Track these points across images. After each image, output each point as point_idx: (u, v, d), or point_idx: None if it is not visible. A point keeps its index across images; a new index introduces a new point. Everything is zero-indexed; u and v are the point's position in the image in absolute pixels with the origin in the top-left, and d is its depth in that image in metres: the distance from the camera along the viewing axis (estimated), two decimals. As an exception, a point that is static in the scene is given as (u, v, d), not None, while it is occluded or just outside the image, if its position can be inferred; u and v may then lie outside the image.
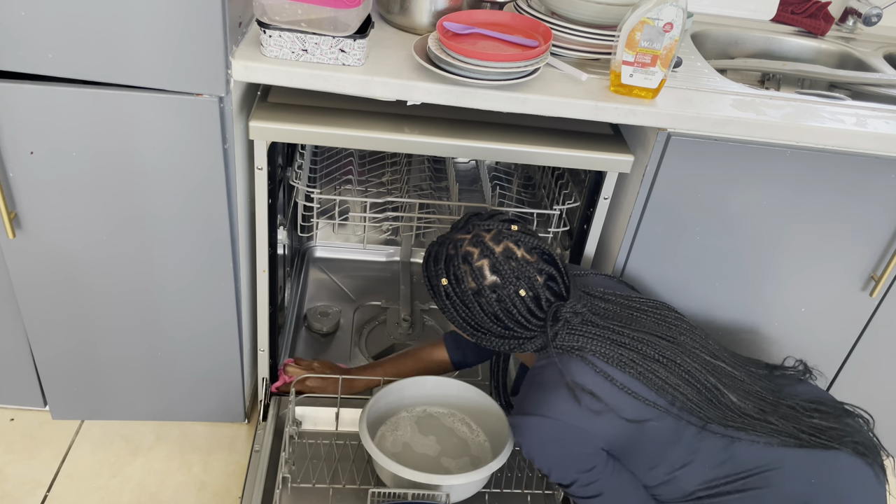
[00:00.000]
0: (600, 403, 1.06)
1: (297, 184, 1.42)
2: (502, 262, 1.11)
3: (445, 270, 1.14)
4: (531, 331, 1.13)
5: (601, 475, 1.09)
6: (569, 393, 1.06)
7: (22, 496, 1.43)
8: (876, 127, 1.25)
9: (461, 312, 1.14)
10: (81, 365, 1.45)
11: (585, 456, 1.08)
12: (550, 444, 1.08)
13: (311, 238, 2.03)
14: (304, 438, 1.46)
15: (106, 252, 1.29)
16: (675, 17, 1.13)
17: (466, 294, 1.12)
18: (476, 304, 1.12)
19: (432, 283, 1.16)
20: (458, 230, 1.17)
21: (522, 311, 1.12)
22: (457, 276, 1.13)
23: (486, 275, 1.11)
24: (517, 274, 1.11)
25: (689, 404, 1.09)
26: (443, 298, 1.15)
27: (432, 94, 1.17)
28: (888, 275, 1.38)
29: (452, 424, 1.46)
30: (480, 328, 1.15)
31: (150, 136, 1.16)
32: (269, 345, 1.49)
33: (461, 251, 1.13)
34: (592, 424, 1.06)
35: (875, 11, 1.69)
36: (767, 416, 1.12)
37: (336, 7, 1.11)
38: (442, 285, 1.14)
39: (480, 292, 1.12)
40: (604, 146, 1.29)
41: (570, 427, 1.06)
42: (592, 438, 1.07)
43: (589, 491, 1.10)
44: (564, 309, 1.12)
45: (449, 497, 1.27)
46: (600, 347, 1.09)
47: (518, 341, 1.14)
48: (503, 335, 1.14)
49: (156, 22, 1.05)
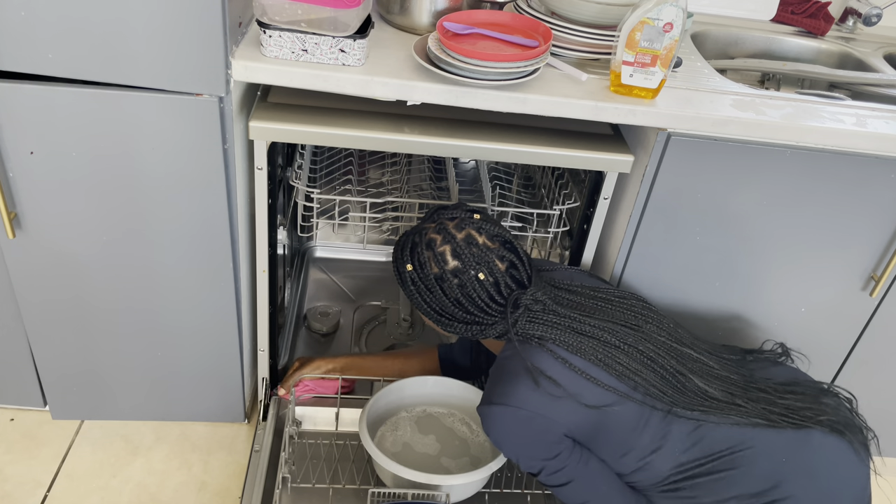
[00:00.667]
0: (560, 388, 1.09)
1: (297, 184, 1.42)
2: (463, 247, 1.16)
3: (411, 257, 1.19)
4: (492, 316, 1.17)
5: (567, 462, 1.12)
6: (529, 380, 1.10)
7: (22, 496, 1.43)
8: (876, 127, 1.25)
9: (426, 297, 1.18)
10: (81, 365, 1.45)
11: (549, 443, 1.11)
12: (514, 433, 1.11)
13: (311, 238, 2.03)
14: (304, 438, 1.46)
15: (106, 252, 1.29)
16: (675, 17, 1.13)
17: (429, 279, 1.17)
18: (439, 288, 1.17)
19: (399, 271, 1.21)
20: (425, 221, 1.23)
21: (482, 296, 1.15)
22: (420, 262, 1.18)
23: (447, 260, 1.16)
24: (477, 259, 1.15)
25: (653, 389, 1.12)
26: (408, 285, 1.19)
27: (432, 94, 1.17)
28: (888, 275, 1.38)
29: (452, 424, 1.46)
30: (444, 313, 1.19)
31: (150, 137, 1.16)
32: (269, 345, 1.48)
33: (425, 238, 1.18)
34: (553, 410, 1.09)
35: (875, 11, 1.69)
36: (735, 399, 1.14)
37: (336, 7, 1.11)
38: (407, 271, 1.19)
39: (443, 277, 1.16)
40: (604, 146, 1.29)
41: (532, 414, 1.09)
42: (554, 426, 1.10)
43: (557, 479, 1.13)
44: (525, 296, 1.15)
45: (449, 497, 1.27)
46: (560, 335, 1.13)
47: (480, 327, 1.18)
48: (465, 320, 1.18)
49: (156, 22, 1.05)
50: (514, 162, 1.81)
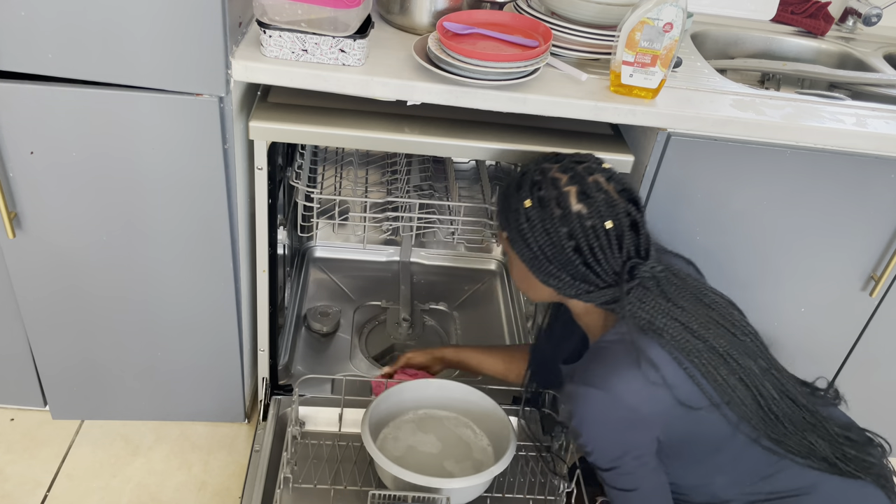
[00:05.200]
0: (659, 375, 1.01)
1: (297, 184, 1.42)
2: (592, 190, 1.04)
3: (530, 192, 1.06)
4: (602, 278, 1.05)
5: (644, 469, 1.04)
6: (635, 370, 1.01)
7: (22, 496, 1.43)
8: (876, 127, 1.25)
9: (538, 239, 1.05)
10: (81, 365, 1.45)
11: (635, 442, 1.03)
12: (604, 421, 1.03)
13: (311, 238, 2.03)
14: (307, 439, 1.46)
15: (106, 252, 1.29)
16: (675, 17, 1.13)
17: (548, 219, 1.04)
18: (556, 231, 1.04)
19: (512, 207, 1.08)
20: (545, 161, 1.10)
21: (604, 248, 1.04)
22: (541, 200, 1.05)
23: (571, 202, 1.04)
24: (607, 206, 1.04)
25: (745, 411, 1.04)
26: (521, 223, 1.06)
27: (432, 94, 1.17)
28: (888, 275, 1.38)
29: (455, 428, 1.45)
30: (553, 261, 1.06)
31: (150, 136, 1.16)
32: (269, 345, 1.48)
33: (549, 176, 1.06)
34: (651, 407, 1.01)
35: (875, 11, 1.69)
36: (808, 436, 1.08)
37: (336, 7, 1.11)
38: (524, 207, 1.06)
39: (565, 218, 1.03)
40: (604, 146, 1.29)
41: (631, 409, 1.01)
42: (648, 425, 1.02)
43: (625, 482, 1.05)
44: (643, 267, 1.05)
45: (450, 500, 1.27)
46: (670, 326, 1.03)
47: (587, 286, 1.06)
48: (575, 274, 1.06)
49: (156, 22, 1.05)
50: (514, 162, 1.81)
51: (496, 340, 1.83)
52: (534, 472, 1.45)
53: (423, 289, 1.96)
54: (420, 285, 1.97)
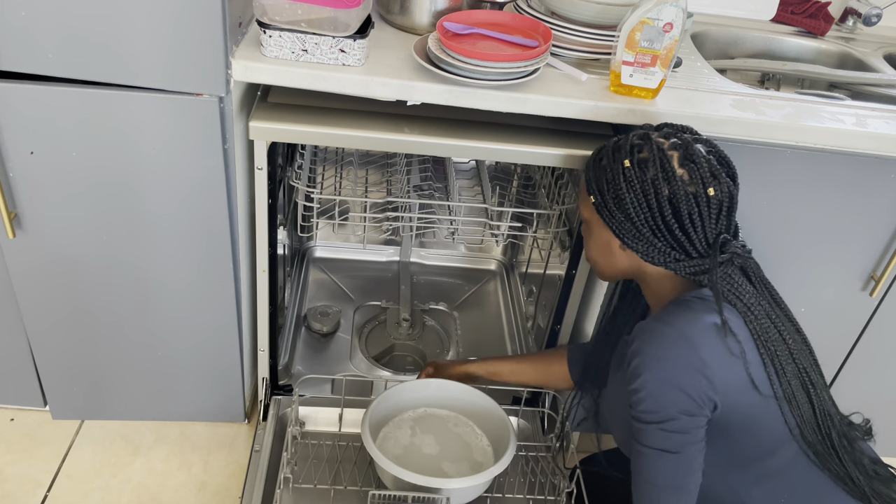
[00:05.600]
0: (739, 346, 0.98)
1: (297, 184, 1.42)
2: (696, 157, 1.02)
3: (630, 154, 1.03)
4: (696, 248, 1.02)
5: (694, 433, 0.98)
6: (715, 327, 0.98)
7: (22, 496, 1.43)
8: (876, 127, 1.25)
9: (635, 201, 1.02)
10: (81, 365, 1.45)
11: (697, 397, 0.97)
12: (671, 363, 0.97)
13: (311, 238, 2.03)
14: (307, 439, 1.46)
15: (106, 252, 1.29)
16: (675, 17, 1.13)
17: (648, 182, 1.01)
18: (657, 193, 1.01)
19: (608, 168, 1.05)
20: (641, 128, 1.09)
21: (704, 215, 1.01)
22: (641, 163, 1.02)
23: (674, 166, 1.01)
24: (709, 173, 1.01)
25: (801, 416, 1.02)
26: (619, 183, 1.03)
27: (432, 94, 1.17)
28: (888, 275, 1.38)
29: (455, 428, 1.45)
30: (648, 224, 1.03)
31: (150, 136, 1.16)
32: (269, 345, 1.48)
33: (653, 139, 1.04)
34: (721, 368, 0.97)
35: (875, 11, 1.69)
36: (846, 462, 1.05)
37: (336, 7, 1.11)
38: (623, 167, 1.03)
39: (667, 180, 1.01)
40: (604, 146, 1.29)
41: (701, 359, 0.96)
42: (714, 386, 0.97)
43: (671, 441, 0.98)
44: (735, 243, 1.03)
45: (449, 500, 1.27)
46: (754, 308, 1.01)
47: (677, 253, 1.03)
48: (668, 240, 1.03)
49: (156, 22, 1.05)
50: (514, 162, 1.81)
51: (496, 340, 1.83)
52: (533, 471, 1.45)
53: (423, 289, 1.96)
54: (420, 285, 1.97)
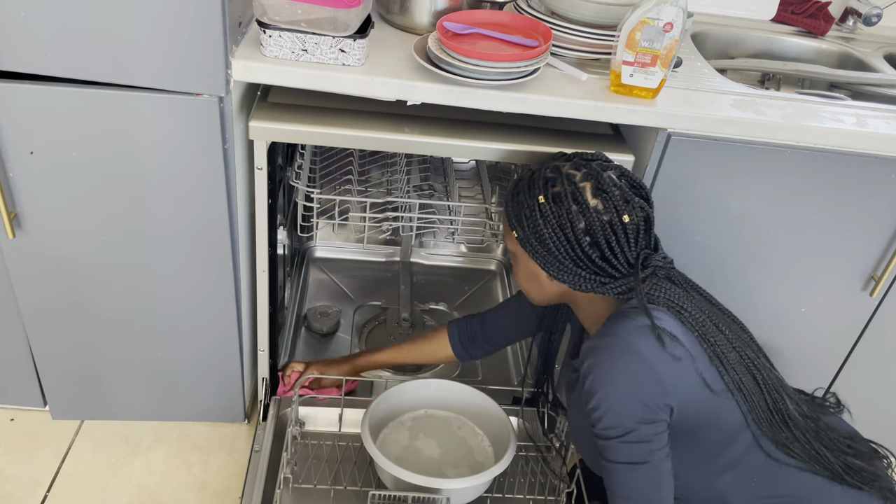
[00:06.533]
0: (682, 349, 1.00)
1: (297, 184, 1.42)
2: (607, 186, 1.04)
3: (543, 189, 1.06)
4: (619, 271, 1.05)
5: (656, 438, 0.99)
6: (654, 335, 1.00)
7: (22, 496, 1.43)
8: (876, 127, 1.25)
9: (553, 235, 1.05)
10: (81, 365, 1.44)
11: (652, 406, 0.98)
12: (622, 377, 0.99)
13: (311, 238, 2.03)
14: (307, 439, 1.46)
15: (106, 252, 1.29)
16: (675, 17, 1.13)
17: (563, 216, 1.04)
18: (573, 226, 1.04)
19: (524, 204, 1.07)
20: (554, 160, 1.11)
21: (620, 242, 1.04)
22: (556, 197, 1.05)
23: (587, 197, 1.04)
24: (622, 200, 1.04)
25: (753, 403, 1.04)
26: (536, 220, 1.06)
27: (432, 94, 1.17)
28: (888, 275, 1.38)
29: (455, 428, 1.45)
30: (569, 256, 1.05)
31: (150, 136, 1.16)
32: (269, 345, 1.48)
33: (563, 172, 1.06)
34: (670, 373, 0.99)
35: (875, 11, 1.69)
36: (812, 442, 1.07)
37: (336, 7, 1.11)
38: (538, 203, 1.05)
39: (582, 213, 1.04)
40: (604, 146, 1.29)
41: (650, 365, 0.98)
42: (665, 389, 0.99)
43: (635, 452, 0.99)
44: (655, 258, 1.06)
45: (450, 501, 1.27)
46: (688, 306, 1.04)
47: (601, 278, 1.06)
48: (590, 268, 1.06)
49: (156, 22, 1.05)
50: (514, 162, 1.81)
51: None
52: (534, 472, 1.45)
53: (423, 289, 1.96)
54: (420, 285, 1.97)
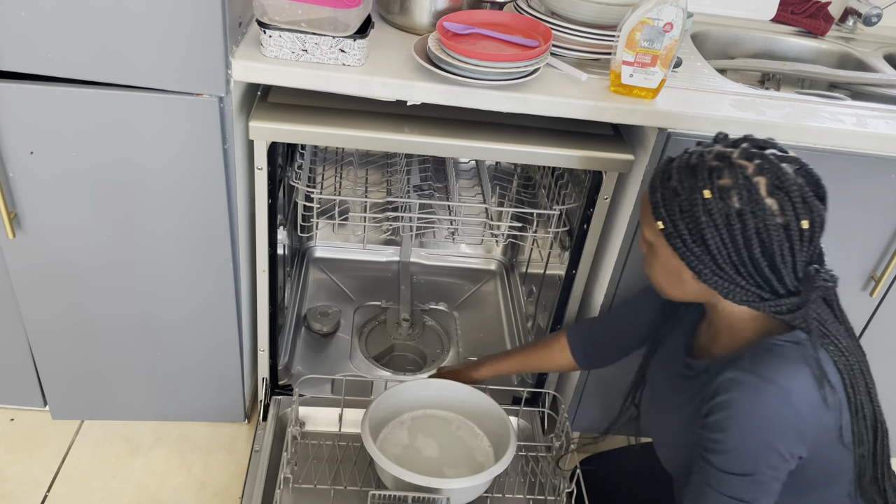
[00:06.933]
0: (835, 397, 0.90)
1: (297, 184, 1.42)
2: (787, 184, 0.88)
3: (709, 180, 0.89)
4: (784, 286, 0.91)
5: (773, 484, 0.91)
6: (814, 379, 0.89)
7: (22, 496, 1.43)
8: (876, 127, 1.25)
9: (717, 236, 0.89)
10: (81, 365, 1.45)
11: (787, 454, 0.89)
12: (766, 422, 0.88)
13: (311, 238, 2.03)
14: (307, 439, 1.46)
15: (106, 252, 1.29)
16: (675, 17, 1.13)
17: (734, 215, 0.88)
18: (740, 228, 0.88)
19: (682, 195, 0.91)
20: (719, 143, 0.94)
21: (797, 250, 0.89)
22: (722, 191, 0.88)
23: (762, 195, 0.88)
24: (801, 201, 0.88)
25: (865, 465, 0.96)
26: (697, 215, 0.89)
27: (432, 94, 1.17)
28: (888, 275, 1.38)
29: (455, 428, 1.45)
30: (730, 262, 0.90)
31: (150, 136, 1.16)
32: (269, 345, 1.48)
33: (734, 162, 0.89)
34: (815, 423, 0.90)
35: (875, 11, 1.69)
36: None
37: (336, 7, 1.11)
38: (703, 198, 0.89)
39: (755, 214, 0.88)
40: (604, 146, 1.29)
41: (797, 414, 0.88)
42: (804, 439, 0.90)
43: (748, 492, 0.91)
44: (822, 273, 0.91)
45: (449, 501, 1.27)
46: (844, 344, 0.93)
47: (762, 292, 0.91)
48: (752, 278, 0.91)
49: (156, 22, 1.05)
50: (514, 162, 1.81)
51: (496, 340, 1.83)
52: (534, 472, 1.45)
53: (423, 289, 1.96)
54: (420, 285, 1.97)
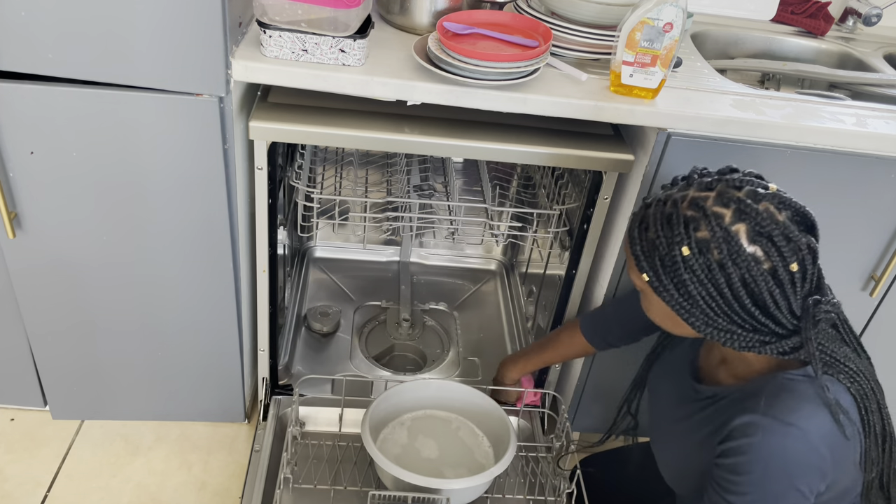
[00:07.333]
0: (852, 428, 0.88)
1: (297, 184, 1.42)
2: (767, 226, 0.85)
3: (686, 235, 0.86)
4: (783, 327, 0.88)
5: None
6: (827, 411, 0.87)
7: (22, 496, 1.43)
8: (876, 127, 1.25)
9: (703, 292, 0.87)
10: (81, 365, 1.45)
11: (807, 491, 0.88)
12: (784, 462, 0.86)
13: (311, 238, 2.03)
14: (307, 439, 1.46)
15: (106, 252, 1.29)
16: (675, 17, 1.13)
17: (715, 269, 0.85)
18: (725, 282, 0.86)
19: (661, 251, 0.89)
20: (693, 187, 0.91)
21: (788, 293, 0.86)
22: (700, 244, 0.86)
23: (742, 243, 0.85)
24: (785, 242, 0.85)
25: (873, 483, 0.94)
26: (680, 274, 0.87)
27: (432, 94, 1.17)
28: (888, 275, 1.38)
29: (455, 428, 1.45)
30: (721, 314, 0.88)
31: (150, 136, 1.16)
32: (269, 345, 1.48)
33: (709, 211, 0.86)
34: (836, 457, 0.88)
35: (875, 11, 1.69)
36: None
37: (336, 7, 1.11)
38: (682, 255, 0.86)
39: (737, 265, 0.85)
40: (604, 146, 1.29)
41: (819, 454, 0.86)
42: (825, 475, 0.88)
43: None
44: (823, 305, 0.87)
45: (449, 501, 1.27)
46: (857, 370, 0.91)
47: (762, 336, 0.89)
48: (747, 326, 0.89)
49: (156, 22, 1.05)
50: (514, 162, 1.81)
51: (496, 340, 1.83)
52: (534, 472, 1.45)
53: (423, 289, 1.96)
54: (420, 285, 1.97)
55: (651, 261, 0.90)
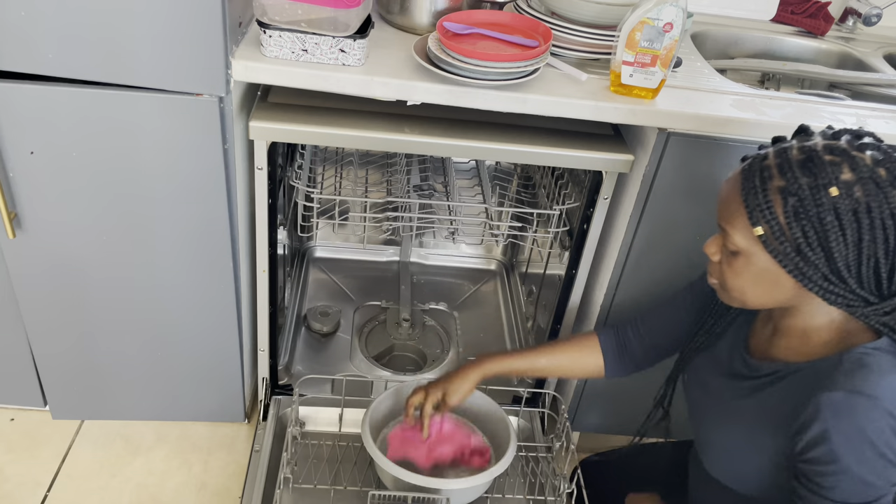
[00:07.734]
0: None
1: (297, 184, 1.42)
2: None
3: (833, 177, 0.82)
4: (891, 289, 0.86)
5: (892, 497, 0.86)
6: None
7: (22, 496, 1.43)
8: (876, 127, 1.25)
9: (839, 239, 0.83)
10: (81, 365, 1.45)
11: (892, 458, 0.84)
12: (873, 437, 0.83)
13: (311, 238, 2.03)
14: (307, 439, 1.46)
15: (106, 252, 1.29)
16: (675, 17, 1.13)
17: (860, 210, 0.82)
18: (869, 224, 0.82)
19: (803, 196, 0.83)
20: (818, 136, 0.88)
21: None
22: (847, 187, 0.82)
23: (886, 185, 0.82)
24: None
25: None
26: (824, 216, 0.82)
27: (432, 94, 1.17)
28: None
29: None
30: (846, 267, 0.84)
31: (150, 136, 1.16)
32: (269, 345, 1.48)
33: (852, 154, 0.84)
34: None
35: (875, 11, 1.69)
36: None
37: (336, 7, 1.11)
38: (829, 196, 0.82)
39: (881, 205, 0.82)
40: (604, 146, 1.29)
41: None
42: None
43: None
44: None
45: (449, 501, 1.27)
46: None
47: (870, 296, 0.86)
48: (868, 282, 0.85)
49: (156, 22, 1.05)
50: (514, 162, 1.81)
51: (496, 340, 1.83)
52: (534, 472, 1.45)
53: (423, 289, 1.96)
54: (420, 285, 1.97)
55: (775, 210, 0.85)
